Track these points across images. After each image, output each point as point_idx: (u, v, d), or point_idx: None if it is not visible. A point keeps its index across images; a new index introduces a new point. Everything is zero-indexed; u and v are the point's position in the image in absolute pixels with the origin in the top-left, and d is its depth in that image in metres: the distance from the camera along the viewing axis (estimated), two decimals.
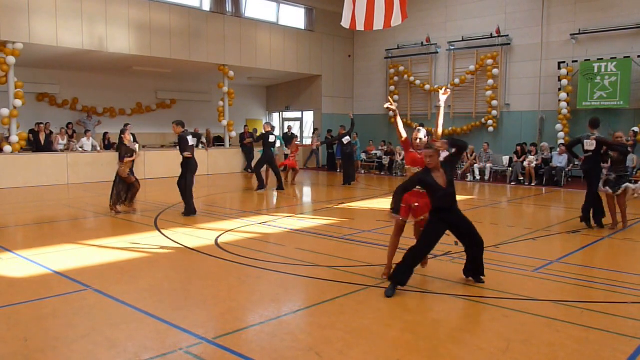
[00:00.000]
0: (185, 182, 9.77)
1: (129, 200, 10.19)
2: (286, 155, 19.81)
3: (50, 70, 17.95)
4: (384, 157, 19.87)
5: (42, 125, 16.08)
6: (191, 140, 9.78)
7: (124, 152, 10.01)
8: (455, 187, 5.44)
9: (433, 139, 5.51)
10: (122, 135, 10.25)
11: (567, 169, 15.54)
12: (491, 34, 18.47)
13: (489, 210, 11.23)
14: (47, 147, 15.85)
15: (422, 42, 20.36)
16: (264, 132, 14.17)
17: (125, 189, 10.09)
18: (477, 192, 14.35)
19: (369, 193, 14.02)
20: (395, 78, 21.15)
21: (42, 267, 6.18)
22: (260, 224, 9.11)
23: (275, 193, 13.61)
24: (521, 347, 3.97)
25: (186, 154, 9.69)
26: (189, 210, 9.72)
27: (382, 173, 19.43)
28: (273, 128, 14.41)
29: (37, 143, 15.81)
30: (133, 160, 10.14)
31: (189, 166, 9.81)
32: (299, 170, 16.63)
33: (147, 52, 16.55)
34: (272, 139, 14.00)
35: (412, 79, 20.64)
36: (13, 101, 14.12)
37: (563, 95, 16.87)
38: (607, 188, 8.55)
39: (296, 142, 16.43)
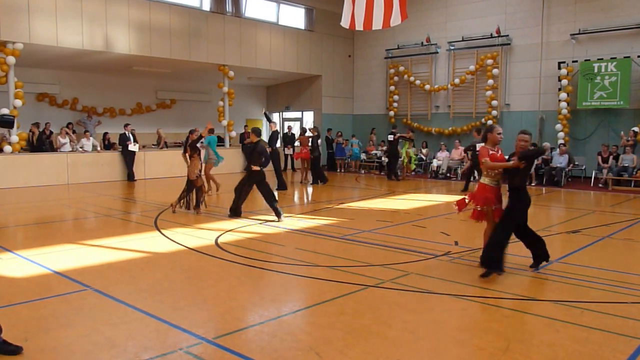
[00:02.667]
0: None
1: (194, 203, 9.98)
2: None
3: (50, 70, 17.95)
4: (384, 157, 19.84)
5: (33, 125, 15.87)
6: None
7: (193, 151, 9.85)
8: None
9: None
10: (190, 135, 10.10)
11: (567, 169, 15.55)
12: (491, 34, 18.47)
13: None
14: (40, 146, 15.73)
15: (422, 42, 20.36)
16: (271, 131, 14.17)
17: (190, 190, 9.94)
18: None
19: (369, 193, 14.02)
20: (395, 78, 21.14)
21: (42, 267, 6.18)
22: (260, 223, 9.11)
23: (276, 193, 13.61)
24: (521, 347, 3.97)
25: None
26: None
27: (382, 173, 19.40)
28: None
29: (31, 143, 15.73)
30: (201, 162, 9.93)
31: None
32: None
33: (147, 52, 16.55)
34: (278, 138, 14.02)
35: (412, 79, 20.64)
36: (13, 101, 14.12)
37: (563, 95, 16.87)
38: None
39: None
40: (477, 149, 12.45)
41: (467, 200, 6.20)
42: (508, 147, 6.29)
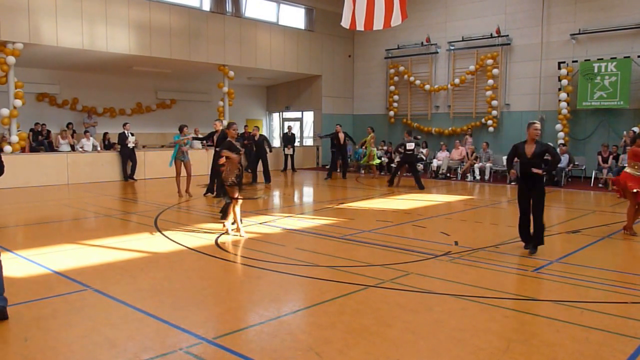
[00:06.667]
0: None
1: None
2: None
3: (50, 70, 17.95)
4: (384, 157, 19.83)
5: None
6: None
7: (229, 147, 8.45)
8: (540, 161, 6.69)
9: None
10: (227, 131, 9.05)
11: (567, 169, 15.55)
12: (491, 34, 18.47)
13: (489, 210, 11.23)
14: (38, 146, 15.75)
15: (422, 42, 20.36)
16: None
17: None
18: (477, 192, 14.35)
19: (369, 193, 14.02)
20: (395, 78, 21.15)
21: (42, 267, 6.18)
22: (260, 224, 9.11)
23: (263, 185, 13.54)
24: (521, 347, 3.97)
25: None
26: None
27: (382, 173, 19.40)
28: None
29: (29, 144, 15.79)
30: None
31: None
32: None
33: (147, 52, 16.55)
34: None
35: (412, 79, 20.64)
36: (13, 101, 14.12)
37: (563, 95, 16.87)
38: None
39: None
40: (408, 148, 14.48)
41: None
42: (508, 147, 6.30)
